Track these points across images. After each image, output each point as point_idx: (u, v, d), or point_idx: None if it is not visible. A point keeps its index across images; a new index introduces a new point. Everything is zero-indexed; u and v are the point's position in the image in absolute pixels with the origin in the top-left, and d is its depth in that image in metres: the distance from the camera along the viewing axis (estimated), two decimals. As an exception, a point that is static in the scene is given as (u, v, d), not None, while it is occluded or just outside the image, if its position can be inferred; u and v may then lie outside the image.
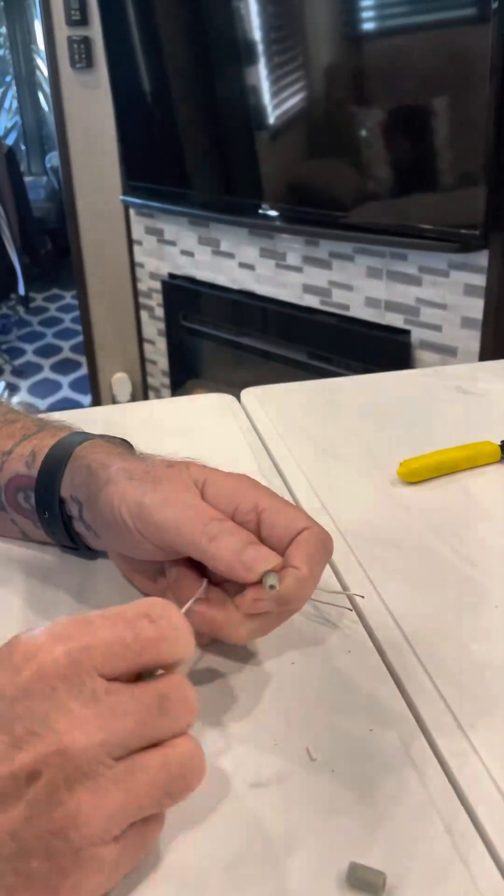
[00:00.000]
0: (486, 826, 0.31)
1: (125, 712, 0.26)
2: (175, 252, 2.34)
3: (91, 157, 2.42)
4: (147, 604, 0.28)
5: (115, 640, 0.27)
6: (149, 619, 0.28)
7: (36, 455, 0.44)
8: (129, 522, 0.37)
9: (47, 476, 0.42)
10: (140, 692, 0.27)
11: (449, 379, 0.74)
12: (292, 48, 1.78)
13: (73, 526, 0.43)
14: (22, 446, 0.45)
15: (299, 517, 0.38)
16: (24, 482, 0.44)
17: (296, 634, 0.41)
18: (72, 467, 0.42)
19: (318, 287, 1.96)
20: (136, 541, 0.37)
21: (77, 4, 2.24)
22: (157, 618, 0.28)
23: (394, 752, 0.34)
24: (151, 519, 0.36)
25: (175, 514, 0.36)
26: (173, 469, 0.39)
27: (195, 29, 1.97)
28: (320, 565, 0.37)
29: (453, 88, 1.52)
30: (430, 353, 1.76)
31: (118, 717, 0.26)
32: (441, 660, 0.39)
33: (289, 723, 0.36)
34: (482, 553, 0.48)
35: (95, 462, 0.41)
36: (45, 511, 0.43)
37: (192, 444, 0.63)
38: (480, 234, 1.52)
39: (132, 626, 0.27)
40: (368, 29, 1.65)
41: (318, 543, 0.37)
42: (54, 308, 4.29)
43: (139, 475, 0.38)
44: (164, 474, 0.38)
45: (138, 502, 0.37)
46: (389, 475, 0.56)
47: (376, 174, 1.73)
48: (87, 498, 0.40)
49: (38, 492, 0.43)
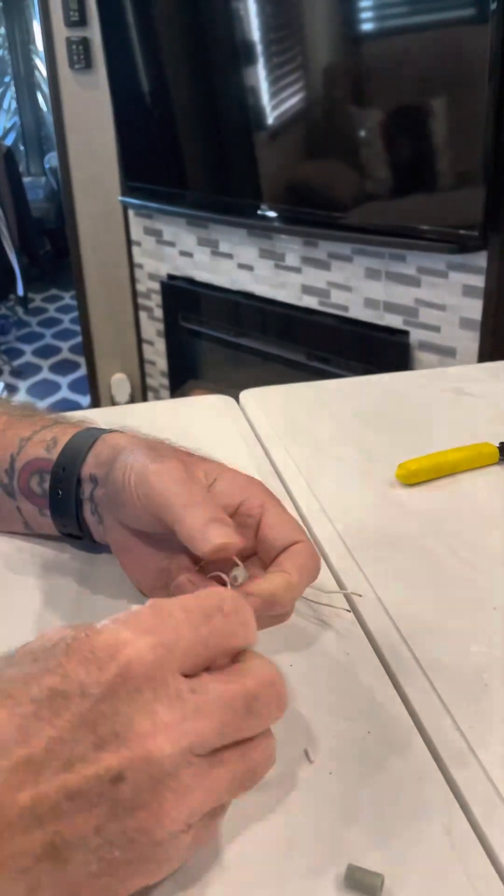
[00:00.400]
0: (483, 828, 0.31)
1: (211, 713, 0.26)
2: (174, 253, 2.34)
3: (90, 158, 2.42)
4: (219, 596, 0.28)
5: (194, 636, 0.27)
6: (222, 613, 0.28)
7: (57, 440, 0.45)
8: (133, 486, 0.38)
9: (70, 455, 0.43)
10: (228, 692, 0.27)
11: (447, 380, 0.74)
12: (291, 49, 1.78)
13: (82, 511, 0.44)
14: (42, 433, 0.46)
15: (298, 531, 0.38)
16: (42, 464, 0.44)
17: (294, 636, 0.41)
18: (97, 448, 0.43)
19: (316, 288, 1.96)
20: (136, 507, 0.38)
21: (76, 5, 2.25)
22: (230, 612, 0.28)
23: (391, 754, 0.34)
24: (149, 482, 0.37)
25: (170, 482, 0.37)
26: (191, 458, 0.40)
27: (194, 30, 1.98)
28: (307, 579, 0.37)
29: (452, 89, 1.52)
30: (428, 354, 1.76)
31: (203, 718, 0.26)
32: (439, 661, 0.40)
33: (287, 724, 0.36)
34: (480, 554, 0.48)
35: (123, 441, 0.42)
36: (59, 490, 0.44)
37: (191, 446, 0.62)
38: (479, 235, 1.53)
39: (209, 621, 0.27)
40: (367, 29, 1.65)
41: (308, 558, 0.37)
42: (53, 309, 4.29)
43: (159, 448, 0.40)
44: (181, 457, 0.40)
45: (144, 466, 0.38)
46: (388, 477, 0.56)
47: (375, 175, 1.73)
48: (104, 475, 0.41)
49: (55, 471, 0.44)
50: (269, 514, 0.38)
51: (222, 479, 0.39)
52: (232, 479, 0.40)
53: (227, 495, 0.39)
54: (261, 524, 0.38)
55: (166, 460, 0.38)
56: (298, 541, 0.37)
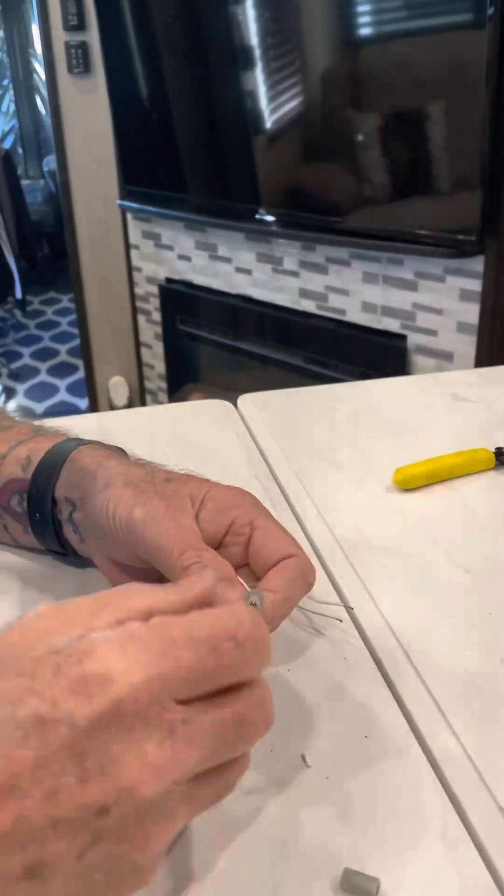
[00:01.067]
0: (479, 833, 0.31)
1: (202, 744, 0.25)
2: (172, 256, 2.35)
3: (88, 162, 2.42)
4: (235, 620, 0.27)
5: (196, 667, 0.25)
6: (235, 641, 0.26)
7: (31, 459, 0.44)
8: (120, 530, 0.37)
9: (42, 477, 0.43)
10: (219, 721, 0.26)
11: (444, 386, 0.74)
12: (289, 53, 1.79)
13: (62, 530, 0.43)
14: (17, 450, 0.45)
15: (289, 544, 0.37)
16: (19, 485, 0.44)
17: (292, 642, 0.41)
18: (69, 468, 0.42)
19: (314, 292, 1.96)
20: (124, 549, 0.38)
21: (75, 9, 2.25)
22: (244, 640, 0.26)
23: (388, 759, 0.35)
24: (137, 533, 0.37)
25: (158, 535, 0.36)
26: (171, 484, 0.39)
27: (192, 34, 1.98)
28: (297, 594, 0.36)
29: (449, 94, 1.52)
30: (426, 358, 1.77)
31: (193, 749, 0.25)
32: (435, 666, 0.40)
33: (284, 729, 0.36)
34: (476, 560, 0.48)
35: (94, 462, 0.41)
36: (37, 513, 0.43)
37: (189, 451, 0.63)
38: (476, 240, 1.53)
39: (216, 650, 0.26)
40: (365, 34, 1.66)
41: (299, 572, 0.37)
42: (51, 311, 4.30)
43: (136, 482, 0.39)
44: (161, 489, 0.38)
45: (129, 513, 0.37)
46: (385, 482, 0.57)
47: (373, 179, 1.74)
48: (81, 498, 0.40)
49: (31, 493, 0.43)
50: (258, 530, 0.38)
51: (209, 501, 0.38)
52: (218, 498, 0.38)
53: (215, 520, 0.38)
54: (251, 541, 0.37)
55: (149, 502, 0.37)
56: (288, 555, 0.37)
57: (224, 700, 0.26)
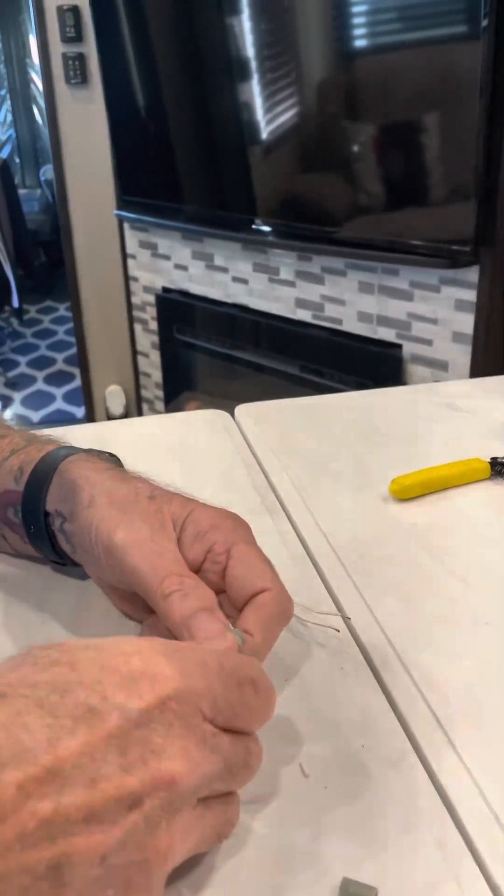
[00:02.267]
0: (476, 841, 0.32)
1: (224, 760, 0.28)
2: (169, 266, 2.36)
3: (85, 173, 2.43)
4: (256, 670, 0.30)
5: (223, 696, 0.28)
6: (254, 686, 0.29)
7: (24, 470, 0.44)
8: (101, 553, 0.37)
9: (33, 490, 0.43)
10: (235, 742, 0.28)
11: (439, 396, 0.75)
12: (285, 65, 1.80)
13: (57, 542, 0.43)
14: (10, 461, 0.45)
15: (264, 576, 0.36)
16: (12, 497, 0.44)
17: (289, 651, 0.42)
18: (57, 481, 0.42)
19: (310, 301, 1.97)
20: (105, 571, 0.38)
21: (72, 21, 2.27)
22: (262, 690, 0.29)
23: (385, 768, 0.35)
24: (117, 558, 0.36)
25: (138, 561, 0.36)
26: (153, 503, 0.38)
27: (189, 46, 2.00)
28: (274, 632, 0.36)
29: (444, 105, 1.54)
30: (421, 368, 1.78)
31: (218, 763, 0.27)
32: (432, 676, 0.40)
33: (282, 739, 0.36)
34: (472, 570, 0.49)
35: (81, 477, 0.41)
36: (31, 525, 0.44)
37: (186, 461, 0.63)
38: (471, 251, 1.54)
39: (241, 689, 0.29)
40: (360, 46, 1.67)
41: (275, 608, 0.36)
42: (48, 320, 4.30)
43: (119, 501, 0.38)
44: (143, 508, 0.38)
45: (109, 538, 0.37)
46: (381, 492, 0.57)
47: (368, 190, 1.75)
48: (70, 511, 0.40)
49: (24, 506, 0.43)
50: (234, 560, 0.37)
51: (189, 525, 0.38)
52: (199, 521, 0.38)
53: (194, 546, 0.37)
54: (227, 570, 0.37)
55: (131, 526, 0.37)
56: (262, 589, 0.36)
57: (237, 735, 0.29)
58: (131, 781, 0.24)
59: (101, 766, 0.24)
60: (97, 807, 0.23)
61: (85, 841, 0.23)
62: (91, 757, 0.24)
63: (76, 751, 0.24)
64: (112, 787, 0.24)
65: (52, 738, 0.24)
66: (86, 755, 0.24)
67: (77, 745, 0.24)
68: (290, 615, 0.37)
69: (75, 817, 0.23)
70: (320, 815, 0.33)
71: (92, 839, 0.23)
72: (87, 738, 0.24)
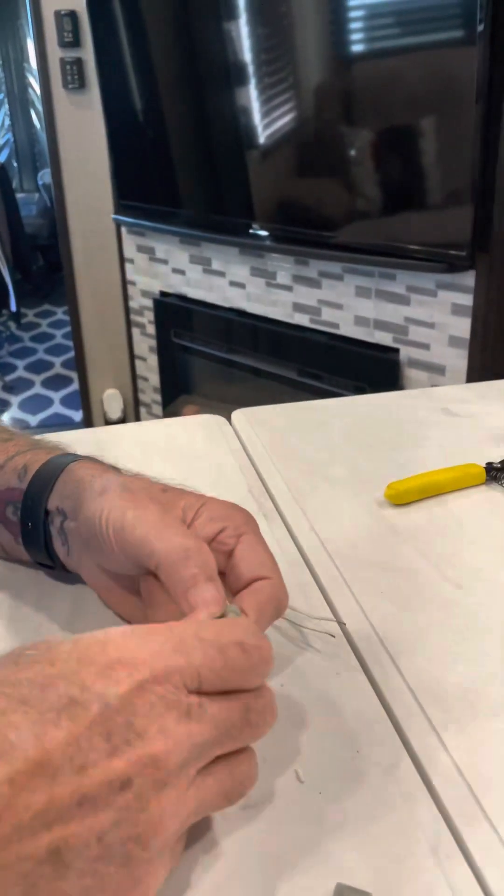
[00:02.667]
0: (470, 847, 0.32)
1: (214, 727, 0.28)
2: (167, 270, 2.36)
3: (83, 177, 2.44)
4: (242, 630, 0.30)
5: (206, 665, 0.28)
6: (241, 647, 0.29)
7: (28, 469, 0.44)
8: (111, 534, 0.37)
9: (37, 487, 0.43)
10: (228, 706, 0.28)
11: (435, 401, 0.75)
12: (282, 69, 1.81)
13: (51, 542, 0.44)
14: (15, 461, 0.45)
15: (267, 565, 0.37)
16: (14, 495, 0.44)
17: (284, 656, 0.42)
18: (63, 479, 0.42)
19: (307, 305, 1.97)
20: (113, 553, 0.38)
21: (70, 26, 2.27)
22: (250, 648, 0.29)
23: (380, 774, 0.35)
24: (126, 532, 0.37)
25: (147, 530, 0.36)
26: (167, 494, 0.39)
27: (186, 51, 2.00)
28: (266, 617, 0.36)
29: (440, 110, 1.54)
30: (418, 371, 1.78)
31: (207, 731, 0.27)
32: (427, 681, 0.40)
33: (277, 744, 0.36)
34: (468, 575, 0.49)
35: (89, 474, 0.41)
36: (29, 522, 0.44)
37: (183, 466, 0.63)
38: (467, 255, 1.55)
39: (224, 653, 0.29)
40: (357, 50, 1.68)
41: (271, 597, 0.36)
42: (46, 324, 4.31)
43: (133, 488, 0.39)
44: (157, 496, 0.39)
45: (122, 514, 0.37)
46: (377, 497, 0.57)
47: (365, 195, 1.76)
48: (73, 508, 0.40)
49: (24, 502, 0.43)
50: (242, 545, 0.38)
51: (203, 511, 0.39)
52: (213, 509, 0.39)
53: (205, 527, 0.38)
54: (232, 554, 0.38)
55: (142, 504, 0.37)
56: (263, 576, 0.37)
57: (231, 695, 0.29)
58: (118, 764, 0.25)
59: (88, 753, 0.25)
60: (88, 792, 0.25)
61: (80, 824, 0.24)
62: (77, 746, 0.25)
63: (62, 741, 0.25)
64: (101, 771, 0.25)
65: (38, 732, 0.24)
66: (72, 745, 0.25)
67: (63, 735, 0.25)
68: (284, 608, 0.37)
69: (68, 803, 0.24)
70: (315, 821, 0.33)
71: (86, 822, 0.24)
72: (72, 728, 0.25)
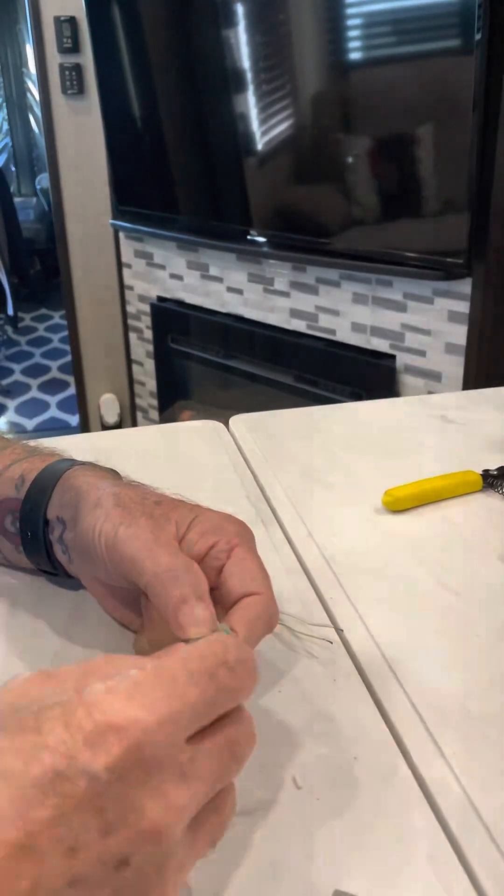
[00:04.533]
0: (467, 854, 0.32)
1: (209, 781, 0.26)
2: (164, 275, 2.36)
3: (81, 182, 2.44)
4: (223, 647, 0.28)
5: (200, 700, 0.26)
6: (227, 666, 0.27)
7: (25, 478, 0.44)
8: (103, 549, 0.37)
9: (35, 496, 0.43)
10: (216, 747, 0.27)
11: (433, 408, 0.75)
12: (280, 77, 1.82)
13: (53, 551, 0.44)
14: (11, 470, 0.45)
15: (257, 579, 0.36)
16: (12, 505, 0.44)
17: (282, 663, 0.42)
18: (61, 488, 0.42)
19: (305, 312, 1.98)
20: (106, 568, 0.38)
21: (69, 32, 2.28)
22: (236, 663, 0.28)
23: (378, 780, 0.35)
24: (118, 550, 0.37)
25: (138, 548, 0.36)
26: (160, 507, 0.39)
27: (185, 57, 2.01)
28: (257, 633, 0.35)
29: (438, 118, 1.55)
30: (414, 378, 1.78)
31: (203, 789, 0.26)
32: (424, 688, 0.40)
33: (275, 751, 0.36)
34: (464, 582, 0.49)
35: (86, 483, 0.41)
36: (28, 532, 0.44)
37: (181, 471, 0.64)
38: (464, 263, 1.55)
39: (214, 678, 0.27)
40: (355, 58, 1.69)
41: (262, 612, 0.36)
42: (42, 328, 4.31)
43: (126, 502, 0.39)
44: (149, 511, 0.38)
45: (114, 531, 0.37)
46: (375, 503, 0.57)
47: (362, 202, 1.76)
48: (71, 517, 0.40)
49: (23, 512, 0.43)
50: (233, 560, 0.37)
51: (196, 525, 0.38)
52: (205, 521, 0.38)
53: (196, 543, 0.37)
54: (223, 570, 0.37)
55: (134, 522, 0.37)
56: (253, 592, 0.36)
57: (215, 727, 0.27)
58: (113, 844, 0.23)
59: (78, 834, 0.23)
60: (81, 873, 0.23)
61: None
62: (67, 827, 0.23)
63: (48, 822, 0.22)
64: (94, 853, 0.23)
65: (20, 810, 0.22)
66: (61, 826, 0.22)
67: (48, 815, 0.22)
68: (274, 623, 0.37)
69: (58, 885, 0.22)
70: (312, 827, 0.33)
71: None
72: (59, 808, 0.23)
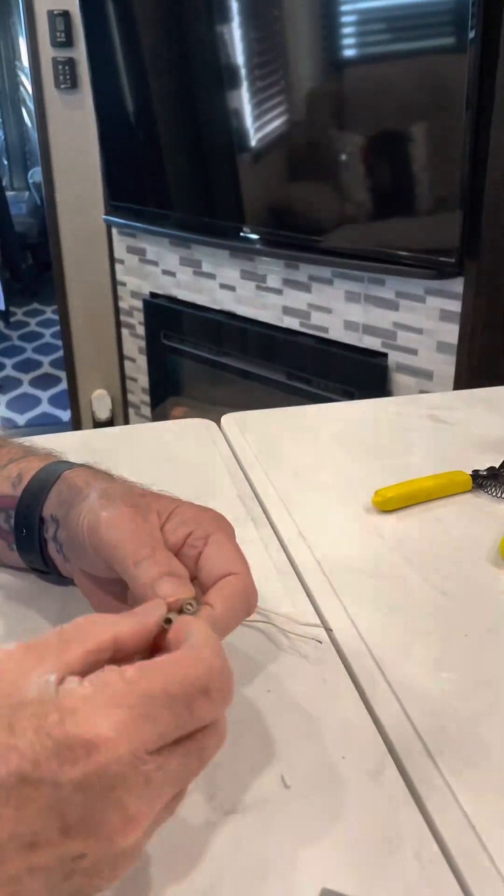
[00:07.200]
0: (453, 853, 0.32)
1: (174, 781, 0.27)
2: (157, 272, 2.36)
3: (74, 177, 2.43)
4: (206, 670, 0.28)
5: (172, 724, 0.27)
6: (207, 695, 0.28)
7: (22, 476, 0.44)
8: (86, 534, 0.38)
9: (32, 494, 0.43)
10: (185, 754, 0.27)
11: (423, 408, 0.76)
12: (274, 73, 1.81)
13: (47, 549, 0.44)
14: (8, 469, 0.46)
15: (235, 562, 0.37)
16: (7, 502, 0.44)
17: (272, 662, 0.42)
18: (59, 487, 0.43)
19: (297, 309, 1.98)
20: (88, 554, 0.38)
21: (62, 26, 2.27)
22: (215, 692, 0.28)
23: (365, 780, 0.35)
24: (99, 534, 0.37)
25: (119, 535, 0.36)
26: (144, 498, 0.39)
27: (179, 53, 2.00)
28: (237, 612, 0.36)
29: (431, 116, 1.55)
30: (406, 377, 1.79)
31: (166, 792, 0.27)
32: (412, 688, 0.41)
33: (264, 750, 0.37)
34: (453, 582, 0.49)
35: (81, 480, 0.42)
36: (23, 529, 0.44)
37: (172, 469, 0.64)
38: (456, 262, 1.56)
39: (189, 707, 0.27)
40: (349, 56, 1.69)
41: (240, 591, 0.36)
42: (34, 323, 4.29)
43: (111, 493, 0.39)
44: (133, 501, 0.39)
45: (96, 517, 0.37)
46: (365, 503, 0.58)
47: (355, 200, 1.76)
48: (65, 515, 0.41)
49: (19, 510, 0.44)
50: (211, 545, 0.37)
51: (175, 515, 0.39)
52: (184, 513, 0.39)
53: (176, 531, 0.38)
54: (201, 554, 0.37)
55: (116, 508, 0.37)
56: (231, 572, 0.36)
57: (189, 741, 0.28)
58: (73, 844, 0.25)
59: (38, 833, 0.24)
60: (40, 863, 0.25)
61: (31, 884, 0.25)
62: (28, 826, 0.24)
63: (11, 821, 0.24)
64: (53, 849, 0.25)
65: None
66: (22, 824, 0.24)
67: (10, 815, 0.24)
68: (253, 603, 0.37)
69: (17, 874, 0.24)
70: (301, 826, 0.33)
71: (37, 882, 0.25)
72: (21, 809, 0.24)
